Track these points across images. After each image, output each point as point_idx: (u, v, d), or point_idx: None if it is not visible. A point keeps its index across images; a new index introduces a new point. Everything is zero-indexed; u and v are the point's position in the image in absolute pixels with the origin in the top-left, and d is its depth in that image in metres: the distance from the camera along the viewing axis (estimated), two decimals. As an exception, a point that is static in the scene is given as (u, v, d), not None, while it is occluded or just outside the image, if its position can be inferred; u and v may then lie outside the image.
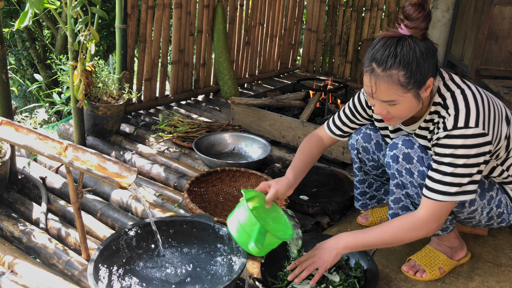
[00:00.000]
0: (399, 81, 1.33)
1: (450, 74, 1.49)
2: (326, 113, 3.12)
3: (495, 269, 1.78)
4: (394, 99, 1.37)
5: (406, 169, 1.54)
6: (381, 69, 1.34)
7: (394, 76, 1.33)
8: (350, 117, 1.77)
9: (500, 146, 1.48)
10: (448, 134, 1.38)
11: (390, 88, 1.35)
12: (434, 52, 1.37)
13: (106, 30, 5.33)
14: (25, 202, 2.04)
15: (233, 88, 3.84)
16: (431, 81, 1.38)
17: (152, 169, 2.45)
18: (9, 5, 4.77)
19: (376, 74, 1.35)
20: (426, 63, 1.34)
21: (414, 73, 1.33)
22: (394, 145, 1.57)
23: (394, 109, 1.41)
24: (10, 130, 1.55)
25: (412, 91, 1.36)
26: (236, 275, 1.39)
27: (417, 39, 1.34)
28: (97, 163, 1.49)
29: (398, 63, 1.32)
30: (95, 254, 1.48)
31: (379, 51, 1.35)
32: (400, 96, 1.36)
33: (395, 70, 1.32)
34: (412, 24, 1.32)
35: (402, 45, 1.33)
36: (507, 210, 1.60)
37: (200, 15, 3.76)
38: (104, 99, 2.74)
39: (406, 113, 1.43)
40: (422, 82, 1.36)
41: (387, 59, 1.32)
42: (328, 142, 1.84)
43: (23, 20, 1.92)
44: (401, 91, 1.35)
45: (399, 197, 1.62)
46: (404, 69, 1.32)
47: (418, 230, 1.44)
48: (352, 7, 4.87)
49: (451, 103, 1.41)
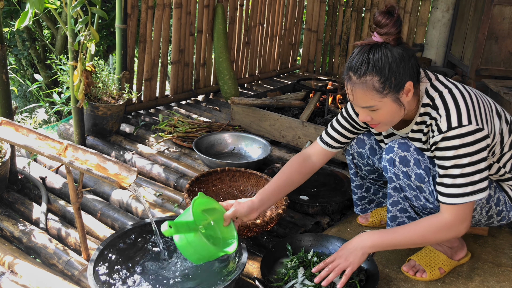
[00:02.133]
0: (374, 87, 1.37)
1: (436, 75, 1.50)
2: (326, 113, 3.12)
3: (495, 269, 1.78)
4: (372, 105, 1.40)
5: (403, 172, 1.54)
6: (356, 76, 1.38)
7: (369, 82, 1.36)
8: (347, 126, 1.74)
9: (495, 142, 1.49)
10: (444, 137, 1.38)
11: (366, 94, 1.38)
12: (410, 56, 1.39)
13: (106, 30, 5.32)
14: (25, 202, 2.04)
15: (233, 88, 3.84)
16: (410, 84, 1.39)
17: (152, 169, 2.45)
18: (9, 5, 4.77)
19: (352, 82, 1.39)
20: (401, 67, 1.36)
21: (388, 78, 1.35)
22: (390, 149, 1.57)
23: (376, 115, 1.43)
24: (10, 130, 1.55)
25: (389, 96, 1.38)
26: (236, 275, 1.39)
27: (390, 44, 1.37)
28: (97, 163, 1.49)
29: (371, 69, 1.35)
30: (95, 254, 1.48)
31: (354, 59, 1.39)
32: (378, 101, 1.39)
33: (369, 76, 1.36)
34: (383, 31, 1.36)
35: (374, 51, 1.36)
36: (506, 208, 1.60)
37: (200, 15, 3.76)
38: (104, 99, 2.74)
39: (389, 118, 1.44)
40: (399, 86, 1.38)
41: (361, 66, 1.36)
42: (318, 158, 1.77)
43: (23, 20, 1.92)
44: (378, 96, 1.38)
45: (397, 200, 1.63)
46: (378, 75, 1.35)
47: (447, 232, 1.45)
48: (352, 7, 4.88)
49: (440, 103, 1.42)
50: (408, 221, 1.67)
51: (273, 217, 1.82)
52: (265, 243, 1.89)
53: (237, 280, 1.47)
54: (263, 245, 1.89)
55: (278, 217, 1.86)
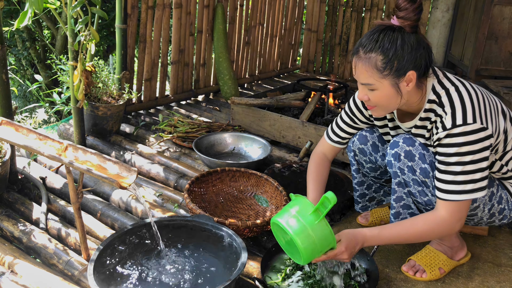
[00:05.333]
0: (376, 65, 1.39)
1: (444, 72, 1.50)
2: (326, 113, 3.12)
3: (495, 269, 1.78)
4: (371, 83, 1.43)
5: (408, 166, 1.55)
6: (363, 51, 1.41)
7: (372, 59, 1.39)
8: (349, 122, 1.78)
9: (499, 140, 1.49)
10: (448, 134, 1.39)
11: (368, 70, 1.41)
12: (420, 47, 1.40)
13: (106, 30, 5.32)
14: (25, 202, 2.04)
15: (233, 88, 3.84)
16: (412, 74, 1.40)
17: (152, 169, 2.45)
18: (9, 5, 4.77)
19: (358, 56, 1.43)
20: (407, 54, 1.38)
21: (391, 60, 1.38)
22: (395, 144, 1.57)
23: (373, 95, 1.46)
24: (10, 130, 1.55)
25: (389, 79, 1.40)
26: (235, 275, 1.39)
27: (405, 30, 1.39)
28: (97, 163, 1.49)
29: (378, 48, 1.38)
30: (95, 254, 1.48)
31: (366, 35, 1.43)
32: (377, 80, 1.41)
33: (374, 53, 1.39)
34: (401, 14, 1.38)
35: (387, 32, 1.39)
36: (508, 206, 1.61)
37: (200, 15, 3.76)
38: (104, 99, 2.74)
39: (385, 102, 1.46)
40: (401, 72, 1.39)
41: (369, 42, 1.40)
42: (331, 154, 1.85)
43: (23, 19, 1.92)
44: (377, 75, 1.40)
45: (401, 195, 1.63)
46: (382, 54, 1.38)
47: (442, 229, 1.46)
48: (352, 7, 4.88)
49: (446, 100, 1.42)
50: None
51: (273, 217, 1.82)
52: (265, 243, 1.89)
53: (237, 280, 1.47)
54: (263, 245, 1.89)
55: (278, 217, 1.86)
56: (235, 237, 1.60)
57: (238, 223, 1.74)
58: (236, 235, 1.61)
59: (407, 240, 1.50)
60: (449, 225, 1.45)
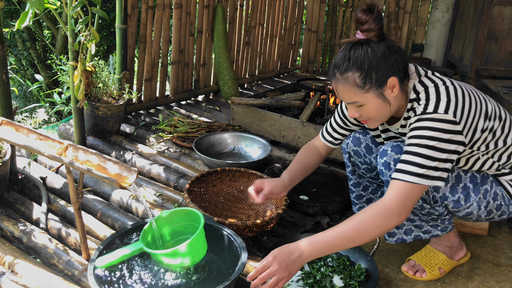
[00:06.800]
0: (355, 83, 1.40)
1: (426, 71, 1.50)
2: (326, 113, 3.12)
3: (495, 269, 1.78)
4: (356, 100, 1.43)
5: None
6: (339, 73, 1.42)
7: (350, 78, 1.40)
8: (340, 123, 1.79)
9: (477, 138, 1.46)
10: (418, 118, 1.39)
11: (349, 90, 1.42)
12: (393, 52, 1.40)
13: (106, 30, 5.32)
14: (25, 202, 2.05)
15: (233, 88, 3.84)
16: (394, 80, 1.40)
17: (152, 169, 2.46)
18: (10, 5, 4.77)
19: (336, 79, 1.44)
20: (382, 63, 1.38)
21: (369, 74, 1.38)
22: (384, 152, 1.57)
23: (362, 110, 1.46)
24: (10, 130, 1.55)
25: (372, 92, 1.41)
26: (235, 275, 1.40)
27: (372, 41, 1.40)
28: (97, 163, 1.49)
29: (352, 66, 1.39)
30: (95, 254, 1.48)
31: (338, 57, 1.44)
32: (361, 97, 1.42)
33: (350, 72, 1.40)
34: (364, 27, 1.40)
35: (356, 48, 1.40)
36: (505, 202, 1.59)
37: (200, 15, 3.76)
38: (104, 99, 2.74)
39: (376, 114, 1.46)
40: (381, 82, 1.40)
41: (342, 63, 1.41)
42: (324, 151, 1.86)
43: (24, 20, 1.93)
44: (360, 92, 1.41)
45: None
46: (358, 71, 1.39)
47: (384, 219, 1.35)
48: (352, 7, 4.88)
49: (423, 96, 1.42)
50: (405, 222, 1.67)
51: (273, 217, 1.82)
52: (265, 243, 1.89)
53: (237, 280, 1.48)
54: (263, 245, 1.89)
55: (278, 217, 1.86)
56: (235, 237, 1.60)
57: (238, 223, 1.75)
58: (236, 235, 1.61)
59: (351, 239, 1.38)
60: (391, 211, 1.35)
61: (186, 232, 1.63)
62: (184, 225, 1.63)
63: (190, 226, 1.62)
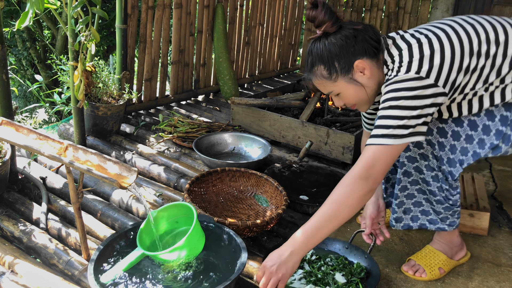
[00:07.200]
0: (322, 75, 1.47)
1: (393, 37, 1.46)
2: (326, 113, 3.12)
3: (495, 269, 1.78)
4: (330, 90, 1.50)
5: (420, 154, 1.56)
6: (308, 71, 1.51)
7: (317, 72, 1.48)
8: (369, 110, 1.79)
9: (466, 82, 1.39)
10: (383, 89, 1.40)
11: (320, 83, 1.50)
12: (350, 37, 1.42)
13: (106, 30, 5.32)
14: (25, 202, 2.05)
15: (233, 88, 3.84)
16: (360, 62, 1.42)
17: (152, 169, 2.46)
18: (9, 5, 4.77)
19: (309, 77, 1.52)
20: (342, 51, 1.42)
21: (331, 64, 1.44)
22: None
23: (342, 98, 1.51)
24: (10, 130, 1.55)
25: (340, 79, 1.46)
26: (235, 275, 1.40)
27: (329, 32, 1.43)
28: (97, 163, 1.49)
29: (315, 60, 1.47)
30: (95, 254, 1.48)
31: (306, 57, 1.52)
32: (333, 86, 1.48)
33: (316, 67, 1.48)
34: (316, 23, 1.44)
35: (315, 44, 1.47)
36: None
37: (200, 15, 3.76)
38: (104, 99, 2.74)
39: (355, 98, 1.50)
40: (346, 68, 1.43)
41: (308, 60, 1.50)
42: None
43: (24, 20, 1.93)
44: (330, 82, 1.48)
45: (405, 185, 1.64)
46: (321, 63, 1.46)
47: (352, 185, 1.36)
48: (352, 7, 4.88)
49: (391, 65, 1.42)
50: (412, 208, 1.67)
51: (273, 217, 1.82)
52: (265, 243, 1.89)
53: (237, 280, 1.48)
54: (263, 245, 1.89)
55: (278, 217, 1.86)
56: (235, 237, 1.60)
57: (238, 223, 1.75)
58: (236, 235, 1.61)
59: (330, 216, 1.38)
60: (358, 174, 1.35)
61: (179, 226, 1.64)
62: (175, 219, 1.64)
63: (182, 219, 1.63)
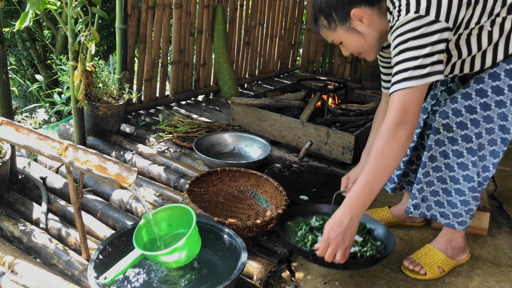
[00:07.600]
0: (324, 25, 1.58)
1: None
2: (326, 113, 3.12)
3: (495, 269, 1.78)
4: (333, 39, 1.60)
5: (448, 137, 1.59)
6: (313, 22, 1.62)
7: (320, 23, 1.59)
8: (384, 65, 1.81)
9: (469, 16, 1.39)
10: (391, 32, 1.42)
11: (324, 33, 1.60)
12: None
13: (106, 30, 5.32)
14: (25, 202, 2.05)
15: (233, 88, 3.84)
16: (357, 10, 1.48)
17: (152, 169, 2.46)
18: (10, 5, 4.77)
19: (315, 28, 1.62)
20: (339, 1, 1.50)
21: (329, 14, 1.54)
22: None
23: (346, 47, 1.59)
24: (10, 130, 1.55)
25: (339, 28, 1.54)
26: (235, 275, 1.40)
27: None
28: (97, 163, 1.49)
29: (317, 13, 1.57)
30: (95, 254, 1.48)
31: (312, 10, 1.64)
32: (334, 35, 1.57)
33: (319, 19, 1.58)
34: None
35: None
36: None
37: (200, 15, 3.76)
38: (104, 99, 2.75)
39: (357, 46, 1.56)
40: (343, 17, 1.51)
41: (313, 15, 1.61)
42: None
43: (24, 20, 1.93)
44: (331, 32, 1.57)
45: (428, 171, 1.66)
46: (322, 15, 1.56)
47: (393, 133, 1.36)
48: (352, 7, 4.87)
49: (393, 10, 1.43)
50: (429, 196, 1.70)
51: (273, 217, 1.82)
52: (265, 243, 1.89)
53: (237, 280, 1.48)
54: (263, 245, 1.89)
55: (278, 217, 1.86)
56: (235, 237, 1.60)
57: (238, 223, 1.75)
58: (236, 235, 1.61)
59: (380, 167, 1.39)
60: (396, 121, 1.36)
61: (173, 230, 1.64)
62: (169, 223, 1.64)
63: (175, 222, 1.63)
